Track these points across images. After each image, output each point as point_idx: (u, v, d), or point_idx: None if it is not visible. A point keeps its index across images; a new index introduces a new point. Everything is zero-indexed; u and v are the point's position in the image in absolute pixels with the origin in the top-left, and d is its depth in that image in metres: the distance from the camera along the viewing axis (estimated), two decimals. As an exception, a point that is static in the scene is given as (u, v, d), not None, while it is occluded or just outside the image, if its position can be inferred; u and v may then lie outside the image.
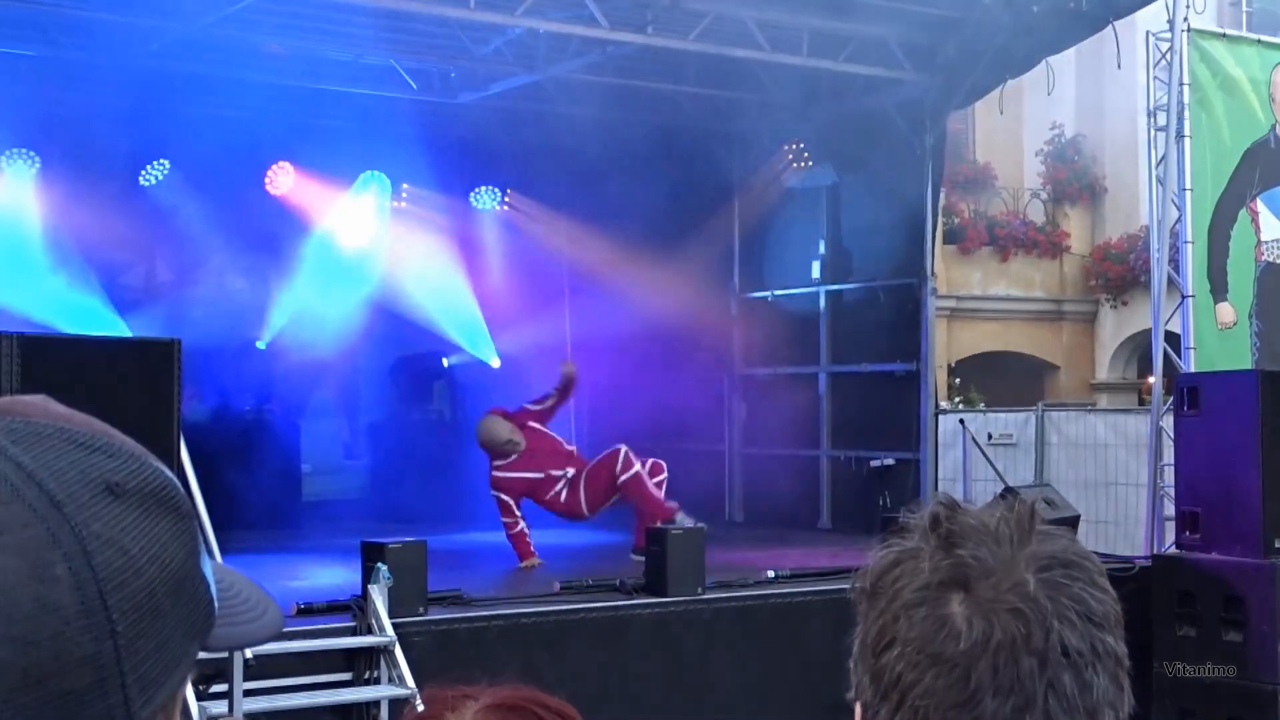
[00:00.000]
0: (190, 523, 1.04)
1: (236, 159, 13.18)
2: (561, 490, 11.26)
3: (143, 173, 13.74)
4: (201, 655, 1.08)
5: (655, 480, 11.33)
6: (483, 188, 15.49)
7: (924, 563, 1.27)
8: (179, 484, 1.05)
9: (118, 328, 12.73)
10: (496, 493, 11.15)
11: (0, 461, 0.97)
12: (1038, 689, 1.21)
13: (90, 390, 6.92)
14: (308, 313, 14.16)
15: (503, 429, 11.25)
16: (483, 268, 15.17)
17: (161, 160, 13.70)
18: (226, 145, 12.74)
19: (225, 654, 7.01)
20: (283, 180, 14.20)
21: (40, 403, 1.04)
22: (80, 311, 12.69)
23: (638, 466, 11.20)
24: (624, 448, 11.30)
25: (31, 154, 13.01)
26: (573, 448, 11.69)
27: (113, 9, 11.17)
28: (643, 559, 10.15)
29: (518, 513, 11.10)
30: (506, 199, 15.66)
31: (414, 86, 13.65)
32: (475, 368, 15.57)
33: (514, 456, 11.18)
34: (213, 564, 1.07)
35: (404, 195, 14.99)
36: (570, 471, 11.33)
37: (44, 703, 0.92)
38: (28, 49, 12.05)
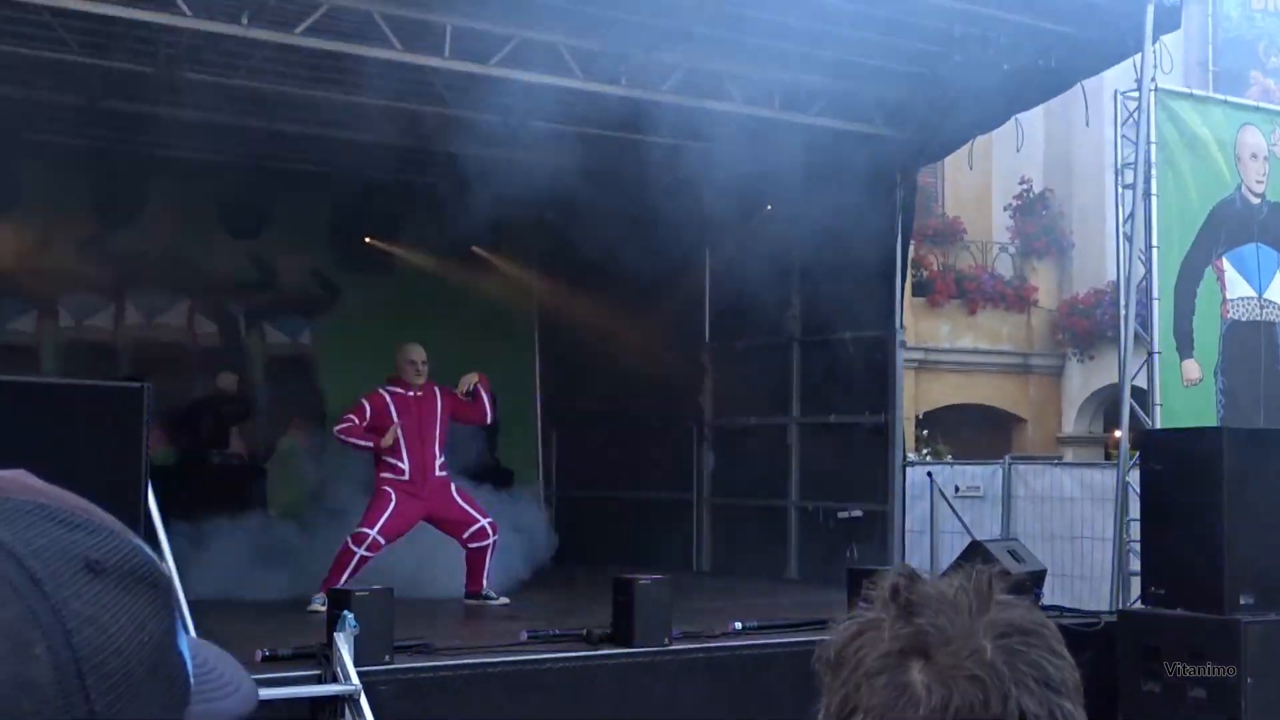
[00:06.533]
0: (169, 599, 1.03)
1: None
2: None
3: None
4: None
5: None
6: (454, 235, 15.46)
7: (885, 632, 1.28)
8: (158, 560, 1.04)
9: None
10: None
11: None
12: (996, 755, 1.23)
13: (56, 436, 6.88)
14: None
15: None
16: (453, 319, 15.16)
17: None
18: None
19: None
20: None
21: (18, 478, 1.03)
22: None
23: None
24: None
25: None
26: None
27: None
28: (476, 602, 11.26)
29: None
30: (474, 248, 15.66)
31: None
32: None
33: None
34: (189, 639, 1.06)
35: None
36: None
37: None
38: None
